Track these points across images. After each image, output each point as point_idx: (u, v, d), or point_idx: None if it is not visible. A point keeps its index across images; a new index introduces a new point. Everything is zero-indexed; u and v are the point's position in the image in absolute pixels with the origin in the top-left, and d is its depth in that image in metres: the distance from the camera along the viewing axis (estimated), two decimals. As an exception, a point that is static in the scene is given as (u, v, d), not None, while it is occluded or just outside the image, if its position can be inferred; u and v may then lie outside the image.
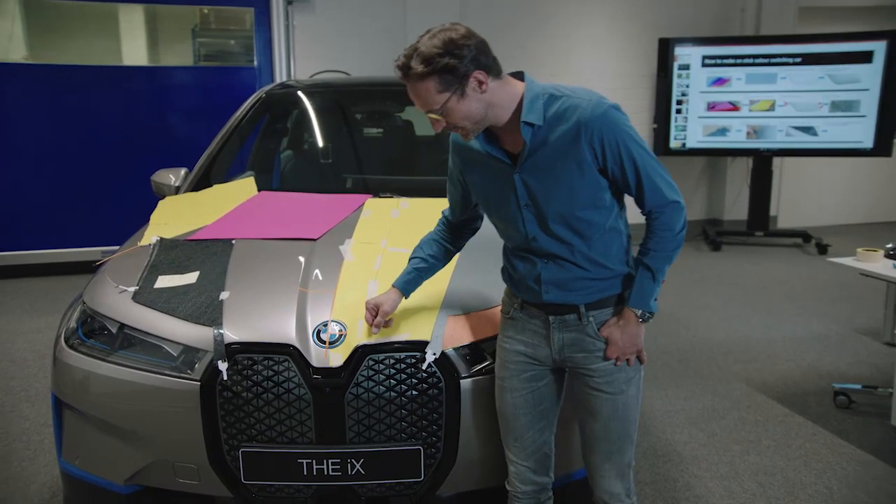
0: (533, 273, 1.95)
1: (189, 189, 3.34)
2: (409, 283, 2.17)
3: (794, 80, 6.96)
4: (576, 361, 1.99)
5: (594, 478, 2.07)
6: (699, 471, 3.13)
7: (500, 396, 2.07)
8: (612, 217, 1.92)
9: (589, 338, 1.96)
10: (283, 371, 2.12)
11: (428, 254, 2.17)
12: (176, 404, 2.15)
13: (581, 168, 1.84)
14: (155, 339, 2.23)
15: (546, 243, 1.92)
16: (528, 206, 1.89)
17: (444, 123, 1.80)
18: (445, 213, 2.19)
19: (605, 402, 1.98)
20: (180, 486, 2.25)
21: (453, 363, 2.16)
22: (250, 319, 2.23)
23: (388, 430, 2.14)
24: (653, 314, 1.96)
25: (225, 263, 2.50)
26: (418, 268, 2.17)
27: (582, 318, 1.95)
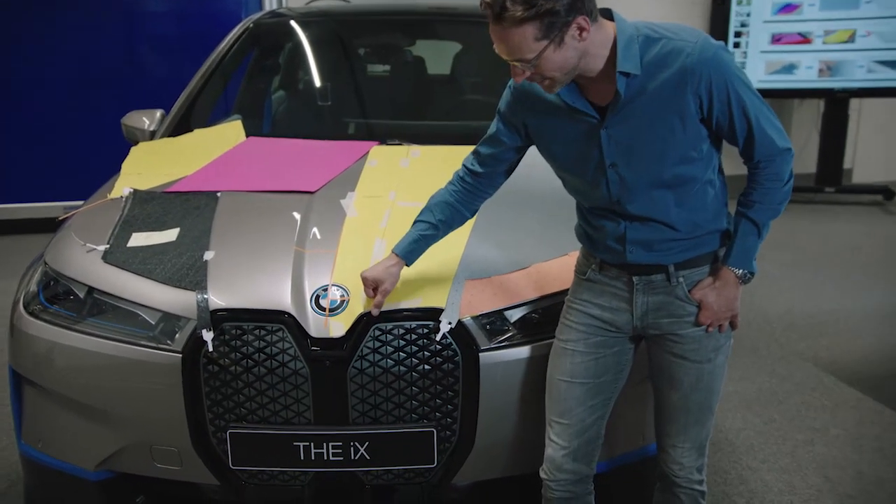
0: (615, 232, 1.99)
1: (166, 134, 3.35)
2: (414, 251, 2.17)
3: (881, 4, 6.83)
4: (661, 327, 2.03)
5: (665, 449, 2.14)
6: (754, 462, 3.17)
7: (558, 362, 2.11)
8: (709, 169, 1.95)
9: (678, 301, 2.01)
10: (276, 342, 2.15)
11: (438, 219, 2.18)
12: (154, 379, 2.19)
13: (682, 120, 1.86)
14: (129, 305, 2.27)
15: (633, 204, 1.95)
16: (615, 165, 1.92)
17: (529, 74, 1.81)
18: (470, 166, 2.18)
19: (689, 371, 2.04)
20: (159, 473, 2.30)
21: (471, 334, 2.18)
22: (239, 283, 2.26)
23: (396, 410, 2.17)
24: (753, 275, 2.02)
25: (209, 219, 2.53)
26: (426, 234, 2.18)
27: (671, 279, 1.99)
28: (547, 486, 2.15)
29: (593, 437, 2.13)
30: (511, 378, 2.21)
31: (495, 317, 2.24)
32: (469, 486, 2.31)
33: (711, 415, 2.11)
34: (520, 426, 2.25)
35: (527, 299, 2.27)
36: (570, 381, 2.09)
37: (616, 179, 1.93)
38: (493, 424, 2.22)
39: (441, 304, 2.20)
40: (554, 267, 2.32)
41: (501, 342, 2.21)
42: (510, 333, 2.24)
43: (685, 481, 2.13)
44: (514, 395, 2.22)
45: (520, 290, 2.27)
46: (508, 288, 2.27)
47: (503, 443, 2.26)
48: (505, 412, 2.23)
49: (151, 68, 6.26)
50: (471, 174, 2.18)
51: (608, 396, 2.13)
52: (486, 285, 2.27)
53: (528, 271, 2.32)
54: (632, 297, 2.03)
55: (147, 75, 6.24)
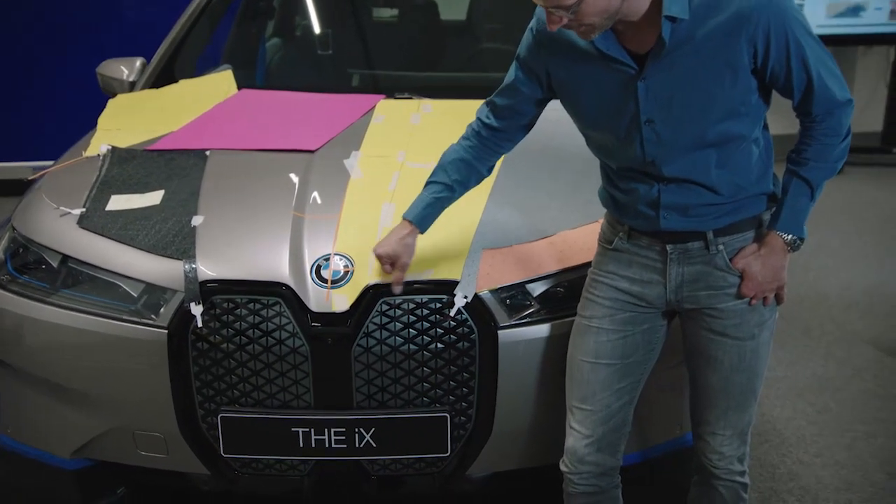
0: (648, 196, 2.00)
1: (148, 85, 3.38)
2: (428, 216, 2.18)
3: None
4: (698, 301, 2.05)
5: (703, 437, 2.16)
6: (806, 455, 3.20)
7: (580, 341, 2.13)
8: (757, 126, 1.97)
9: (718, 271, 2.02)
10: (273, 317, 2.19)
11: (453, 178, 2.19)
12: (136, 358, 2.24)
13: (733, 71, 1.87)
14: (108, 276, 2.31)
15: (669, 166, 1.96)
16: (651, 122, 1.92)
17: (567, 21, 1.81)
18: (484, 119, 2.19)
19: (729, 350, 2.06)
20: (143, 461, 2.35)
21: (489, 309, 2.22)
22: (231, 251, 2.29)
23: (405, 393, 2.21)
24: (803, 241, 2.03)
25: (197, 180, 2.56)
26: (440, 197, 2.19)
27: (709, 247, 2.00)
28: (568, 479, 2.17)
29: (619, 424, 2.15)
30: (533, 358, 2.24)
31: (516, 290, 2.27)
32: (485, 478, 2.36)
33: (754, 399, 2.13)
34: (543, 412, 2.28)
35: (551, 271, 2.29)
36: (595, 361, 2.10)
37: (652, 138, 1.93)
38: (512, 409, 2.26)
39: (456, 276, 2.23)
40: (582, 235, 2.35)
41: (522, 318, 2.25)
42: (532, 309, 2.27)
43: (725, 473, 2.15)
44: (537, 377, 2.25)
45: (543, 261, 2.30)
46: (531, 258, 2.30)
47: (524, 430, 2.30)
48: (526, 396, 2.26)
49: (130, 11, 6.26)
50: (486, 128, 2.18)
51: (636, 379, 2.15)
52: (505, 255, 2.29)
53: (552, 240, 2.34)
54: (665, 267, 2.04)
55: (125, 19, 6.25)
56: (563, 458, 2.17)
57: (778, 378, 3.75)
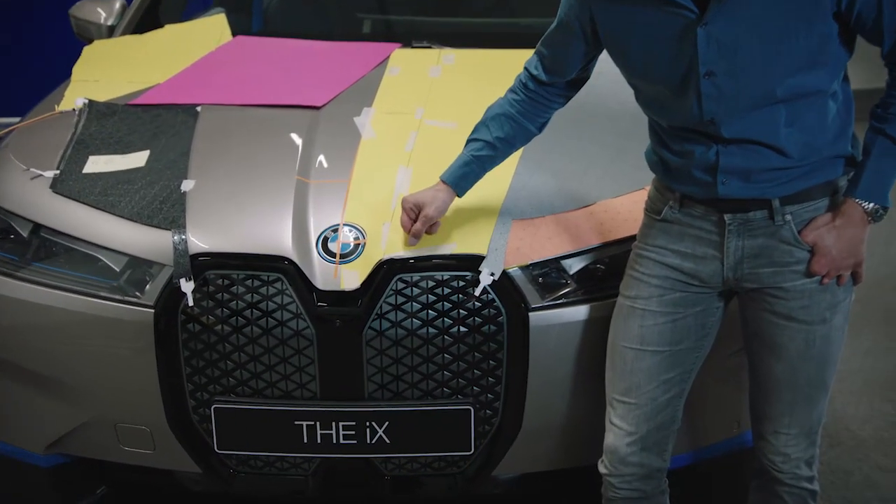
0: (705, 160, 1.99)
1: (129, 31, 3.41)
2: (466, 176, 2.20)
3: None
4: (760, 279, 2.04)
5: (765, 436, 2.16)
6: (886, 460, 3.19)
7: (624, 324, 2.14)
8: (835, 78, 1.95)
9: (784, 245, 2.00)
10: (273, 295, 2.22)
11: (496, 136, 2.20)
12: (119, 341, 2.28)
13: (811, 15, 1.86)
14: (86, 247, 2.35)
15: (731, 125, 1.95)
16: (712, 74, 1.91)
17: None
18: (533, 70, 2.20)
19: (796, 335, 2.05)
20: (126, 458, 2.41)
21: (519, 288, 2.25)
22: (226, 220, 2.33)
23: (424, 383, 2.25)
24: (886, 210, 1.99)
25: (187, 140, 2.59)
26: (480, 156, 2.21)
27: (775, 217, 1.99)
28: (608, 483, 2.18)
29: (667, 420, 2.16)
30: (569, 344, 2.27)
31: (550, 267, 2.30)
32: (513, 480, 2.41)
33: (825, 393, 2.12)
34: (579, 405, 2.32)
35: (590, 245, 2.32)
36: (640, 348, 2.11)
37: (712, 93, 1.92)
38: (545, 402, 2.30)
39: (481, 251, 2.26)
40: (626, 204, 2.37)
41: (557, 299, 2.28)
42: (568, 288, 2.30)
43: (790, 477, 2.15)
44: (573, 365, 2.28)
45: (581, 234, 2.32)
46: (567, 230, 2.33)
47: (558, 426, 2.34)
48: (560, 387, 2.30)
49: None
50: (533, 80, 2.19)
51: (687, 369, 2.15)
52: (538, 227, 2.32)
53: (592, 209, 2.37)
54: (722, 241, 2.03)
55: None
56: (603, 459, 2.18)
57: (853, 371, 3.74)
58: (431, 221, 2.20)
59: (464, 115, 2.29)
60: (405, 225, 2.22)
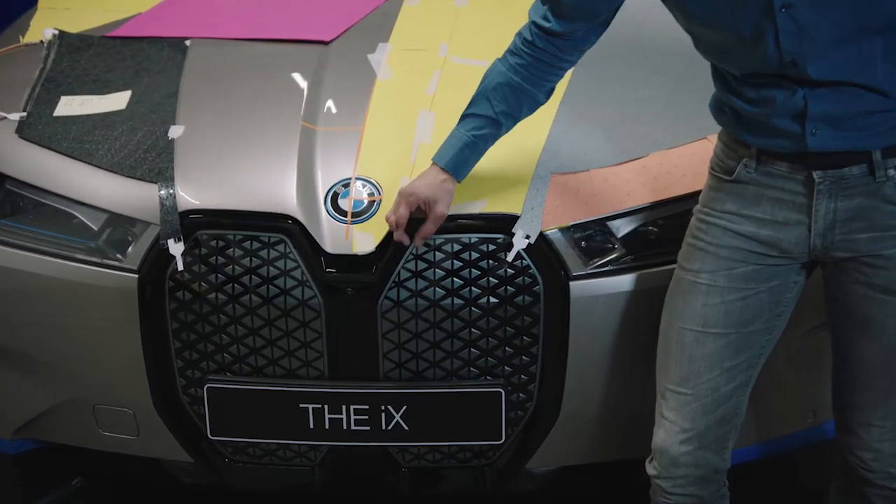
0: (789, 107, 1.94)
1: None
2: (466, 161, 2.20)
3: None
4: (855, 247, 2.01)
5: (852, 429, 2.13)
6: None
7: (683, 301, 2.11)
8: None
9: (887, 205, 1.95)
10: (275, 259, 2.24)
11: (500, 111, 2.19)
12: (98, 310, 2.32)
13: None
14: (59, 202, 2.38)
15: (818, 63, 1.90)
16: (789, 6, 1.85)
17: None
18: (540, 21, 2.13)
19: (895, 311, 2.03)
20: (105, 444, 2.45)
21: (559, 253, 2.26)
22: (220, 172, 2.36)
23: (447, 361, 2.27)
24: None
25: (175, 79, 2.61)
26: (480, 135, 2.20)
27: (875, 172, 1.94)
28: (657, 487, 2.17)
29: (729, 414, 2.13)
30: (615, 319, 2.29)
31: (594, 229, 2.32)
32: (550, 474, 2.44)
33: None
34: (627, 389, 2.34)
35: (642, 204, 2.33)
36: (701, 330, 2.09)
37: (791, 28, 1.88)
38: (586, 385, 2.32)
39: (515, 210, 2.27)
40: (684, 156, 2.37)
41: (602, 266, 2.30)
42: (615, 254, 2.32)
43: (882, 477, 2.13)
44: (620, 343, 2.30)
45: (632, 191, 2.33)
46: (614, 187, 2.33)
47: (601, 413, 2.36)
48: (604, 368, 2.32)
49: None
50: (542, 35, 2.15)
51: (756, 354, 2.13)
52: (581, 183, 2.33)
53: (644, 162, 2.38)
54: (810, 203, 1.99)
55: None
56: (651, 459, 2.18)
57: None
58: (444, 219, 2.19)
59: (495, 52, 2.27)
60: (401, 222, 2.17)
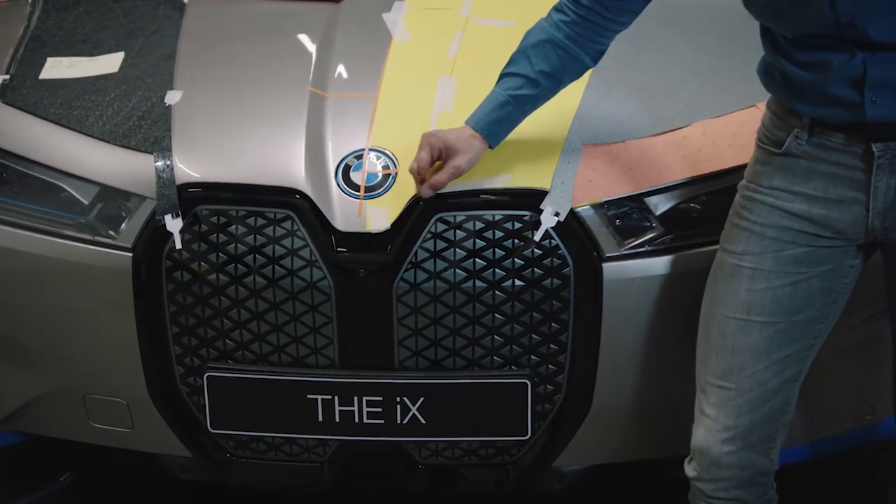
0: (846, 72, 1.93)
1: None
2: (500, 122, 2.21)
3: None
4: None
5: None
6: None
7: (725, 287, 2.11)
8: None
9: None
10: (282, 237, 2.26)
11: (540, 70, 2.19)
12: (89, 292, 2.34)
13: None
14: (46, 174, 2.40)
15: (878, 24, 1.88)
16: None
17: None
18: None
19: None
20: (97, 437, 2.47)
21: (591, 232, 2.27)
22: (222, 142, 2.38)
23: (468, 349, 2.28)
24: None
25: (172, 39, 2.63)
26: (519, 95, 2.20)
27: None
28: (697, 490, 2.17)
29: (776, 411, 2.13)
30: (651, 304, 2.30)
31: (630, 206, 2.33)
32: (580, 473, 2.45)
33: None
34: (664, 381, 2.35)
35: (681, 179, 2.34)
36: (746, 319, 2.08)
37: None
38: (620, 376, 2.33)
39: (544, 185, 2.28)
40: (729, 127, 2.38)
41: (638, 246, 2.31)
42: (652, 233, 2.33)
43: None
44: (657, 331, 2.31)
45: (671, 164, 2.34)
46: (652, 159, 2.34)
47: (636, 406, 2.37)
48: (640, 358, 2.33)
49: None
50: None
51: (807, 345, 2.12)
52: (616, 155, 2.34)
53: (685, 133, 2.38)
54: (869, 178, 1.98)
55: None
56: (691, 459, 2.18)
57: None
58: (460, 175, 2.21)
59: (524, 11, 2.28)
60: (422, 168, 2.19)
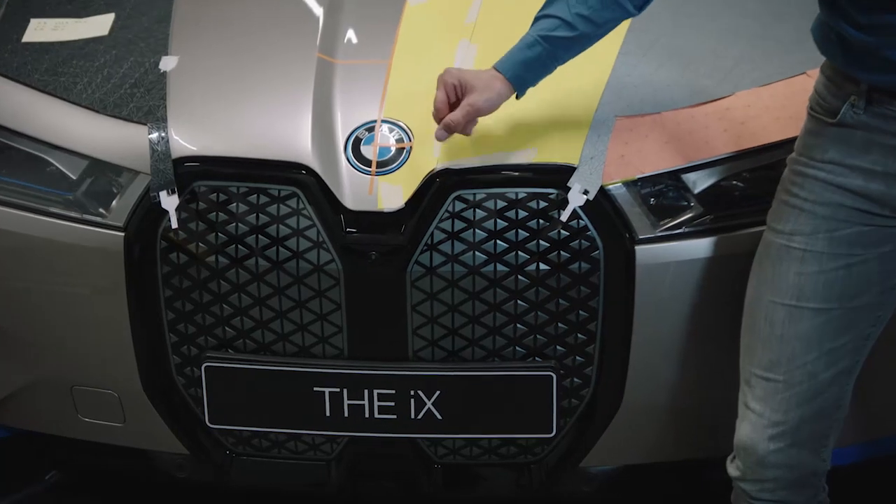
0: None
1: None
2: (530, 66, 2.21)
3: None
4: None
5: None
6: None
7: (773, 270, 2.10)
8: None
9: None
10: (286, 216, 2.28)
11: (577, 13, 2.17)
12: (77, 275, 2.36)
13: None
14: (30, 146, 2.42)
15: None
16: None
17: None
18: None
19: None
20: (85, 432, 2.50)
21: (623, 212, 2.28)
22: (221, 113, 2.39)
23: (488, 339, 2.30)
24: None
25: (167, 1, 2.64)
26: (552, 37, 2.18)
27: None
28: (741, 490, 2.17)
29: (829, 406, 2.13)
30: (689, 290, 2.31)
31: (666, 183, 2.34)
32: (610, 474, 2.47)
33: None
34: (703, 375, 2.36)
35: (723, 153, 2.34)
36: (795, 305, 2.07)
37: None
38: (654, 369, 2.35)
39: (572, 160, 2.28)
40: (776, 96, 2.38)
41: (675, 228, 2.32)
42: (691, 213, 2.33)
43: None
44: (695, 319, 2.32)
45: (711, 138, 2.34)
46: (691, 133, 2.34)
47: (671, 402, 2.38)
48: (676, 349, 2.34)
49: None
50: None
51: (863, 334, 2.12)
52: (650, 128, 2.34)
53: (727, 103, 2.38)
54: None
55: None
56: (734, 457, 2.18)
57: None
58: (477, 115, 2.20)
59: None
60: (439, 108, 2.20)
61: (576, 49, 2.22)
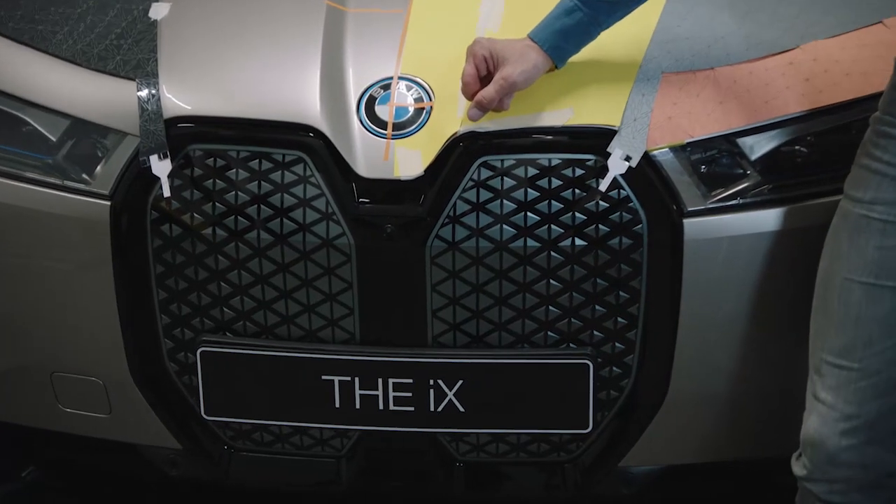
0: None
1: None
2: (568, 35, 2.25)
3: None
4: None
5: None
6: None
7: (849, 243, 2.10)
8: None
9: None
10: (292, 185, 2.30)
11: None
12: (58, 249, 2.40)
13: None
14: (5, 104, 2.46)
15: None
16: None
17: None
18: None
19: None
20: (67, 425, 2.54)
21: (670, 181, 2.30)
22: (219, 68, 2.42)
23: (517, 323, 2.32)
24: None
25: (158, -57, 2.63)
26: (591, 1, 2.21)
27: None
28: (806, 491, 2.18)
29: None
30: (746, 269, 2.32)
31: (719, 148, 2.35)
32: (652, 475, 2.50)
33: None
34: (760, 365, 2.38)
35: (786, 114, 2.34)
36: (874, 283, 2.08)
37: None
38: (704, 358, 2.37)
39: (612, 122, 2.30)
40: (848, 48, 2.38)
41: (729, 199, 2.33)
42: (748, 182, 2.35)
43: None
44: (752, 302, 2.34)
45: (772, 97, 2.35)
46: (748, 91, 2.35)
47: (723, 395, 2.40)
48: (730, 335, 2.36)
49: None
50: None
51: None
52: (701, 86, 2.35)
53: (790, 57, 2.39)
54: None
55: None
56: (800, 454, 2.19)
57: None
58: (513, 90, 2.23)
59: None
60: (469, 83, 2.23)
61: (621, 12, 2.24)
